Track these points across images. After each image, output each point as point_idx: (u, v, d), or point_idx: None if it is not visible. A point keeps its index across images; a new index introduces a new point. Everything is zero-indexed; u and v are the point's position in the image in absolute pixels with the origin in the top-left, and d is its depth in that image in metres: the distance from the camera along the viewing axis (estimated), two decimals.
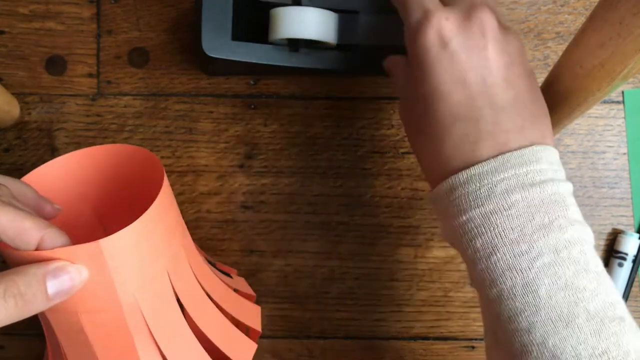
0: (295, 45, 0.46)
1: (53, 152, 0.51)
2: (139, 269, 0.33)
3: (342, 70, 0.47)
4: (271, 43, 0.46)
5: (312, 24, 0.45)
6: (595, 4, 0.35)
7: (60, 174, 0.41)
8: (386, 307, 0.51)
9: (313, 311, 0.51)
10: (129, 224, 0.32)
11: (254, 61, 0.46)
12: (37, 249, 0.31)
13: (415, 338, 0.51)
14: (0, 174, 0.35)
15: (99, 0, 0.52)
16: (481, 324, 0.51)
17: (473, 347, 0.51)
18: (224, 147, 0.52)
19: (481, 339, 0.51)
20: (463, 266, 0.51)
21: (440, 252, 0.51)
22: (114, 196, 0.43)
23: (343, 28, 0.46)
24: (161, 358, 0.36)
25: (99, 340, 0.34)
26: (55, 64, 0.52)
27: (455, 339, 0.51)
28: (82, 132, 0.52)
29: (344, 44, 0.47)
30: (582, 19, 0.52)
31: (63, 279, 0.31)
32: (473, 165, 0.34)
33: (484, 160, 0.34)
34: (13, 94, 0.51)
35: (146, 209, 0.33)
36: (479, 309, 0.51)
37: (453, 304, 0.51)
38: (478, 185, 0.34)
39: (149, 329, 0.35)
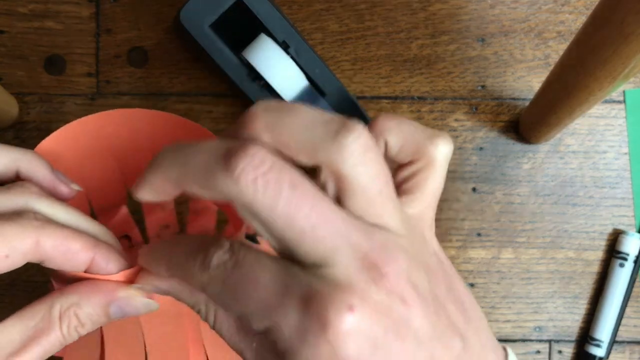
0: (255, 75, 0.46)
1: None
2: None
3: None
4: (239, 58, 0.46)
5: (280, 73, 0.45)
6: (597, 3, 0.34)
7: (90, 134, 0.37)
8: None
9: None
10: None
11: (207, 52, 0.45)
12: (86, 271, 0.28)
13: None
14: (6, 145, 0.31)
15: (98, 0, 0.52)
16: None
17: None
18: None
19: None
20: (463, 266, 0.51)
21: None
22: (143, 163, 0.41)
23: (302, 98, 0.46)
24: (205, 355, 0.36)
25: (154, 346, 0.34)
26: (55, 64, 0.52)
27: None
28: None
29: None
30: (583, 18, 0.52)
31: (127, 312, 0.29)
32: None
33: None
34: (12, 93, 0.51)
35: None
36: None
37: None
38: None
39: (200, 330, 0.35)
